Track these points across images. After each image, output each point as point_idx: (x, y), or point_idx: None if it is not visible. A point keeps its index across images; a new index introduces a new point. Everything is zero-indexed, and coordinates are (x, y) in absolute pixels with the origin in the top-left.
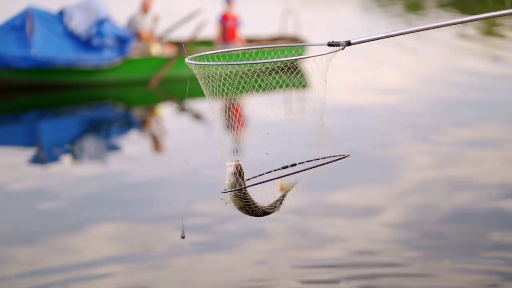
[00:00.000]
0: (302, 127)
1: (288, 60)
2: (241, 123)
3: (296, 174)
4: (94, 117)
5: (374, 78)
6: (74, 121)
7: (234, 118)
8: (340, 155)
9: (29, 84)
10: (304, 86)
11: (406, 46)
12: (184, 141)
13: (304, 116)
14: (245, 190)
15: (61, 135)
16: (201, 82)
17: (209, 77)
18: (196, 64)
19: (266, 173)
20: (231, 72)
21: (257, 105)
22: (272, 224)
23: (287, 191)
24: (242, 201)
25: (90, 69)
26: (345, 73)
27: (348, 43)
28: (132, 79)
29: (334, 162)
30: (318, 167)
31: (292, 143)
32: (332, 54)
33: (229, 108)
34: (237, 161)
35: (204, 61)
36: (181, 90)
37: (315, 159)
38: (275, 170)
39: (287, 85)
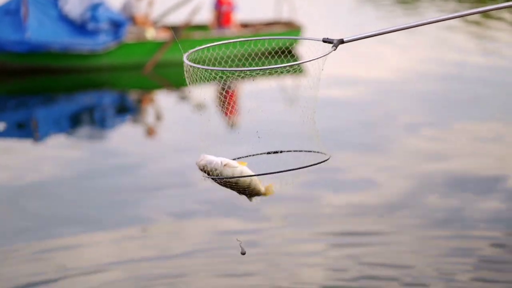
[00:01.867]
0: (294, 117)
1: (282, 67)
2: (233, 109)
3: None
4: (88, 101)
5: (362, 71)
6: (68, 105)
7: (227, 104)
8: (322, 158)
9: (23, 68)
10: (298, 71)
11: (398, 41)
12: (178, 126)
13: (296, 107)
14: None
15: (55, 119)
16: (187, 75)
17: (204, 61)
18: (194, 66)
19: (252, 155)
20: (228, 57)
21: (251, 96)
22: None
23: (265, 194)
24: (226, 186)
25: (85, 53)
26: (337, 66)
27: (341, 42)
28: (127, 64)
29: (315, 165)
30: (300, 169)
31: (281, 130)
32: (325, 58)
33: (223, 94)
34: (203, 157)
35: (200, 51)
36: (176, 74)
37: (299, 151)
38: (260, 154)
39: (281, 71)
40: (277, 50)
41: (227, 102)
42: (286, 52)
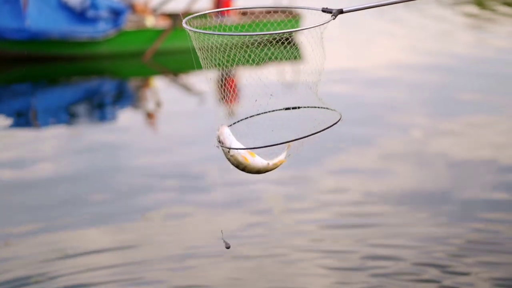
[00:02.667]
0: (297, 94)
1: (281, 33)
2: (235, 95)
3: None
4: (88, 89)
5: (365, 49)
6: (67, 93)
7: (228, 91)
8: (334, 120)
9: (23, 56)
10: (298, 58)
11: (399, 17)
12: (177, 113)
13: (299, 84)
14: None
15: (54, 107)
16: (195, 43)
17: (202, 48)
18: (192, 30)
19: (269, 111)
20: (226, 44)
21: (252, 76)
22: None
23: (276, 166)
24: (235, 160)
25: (84, 41)
26: (337, 44)
27: (340, 11)
28: (126, 51)
29: (330, 127)
30: (315, 134)
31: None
32: (324, 26)
33: (223, 80)
34: (221, 126)
35: (200, 21)
36: (175, 62)
37: (317, 107)
38: (276, 110)
39: (281, 58)
40: (277, 39)
41: (228, 90)
42: (286, 41)
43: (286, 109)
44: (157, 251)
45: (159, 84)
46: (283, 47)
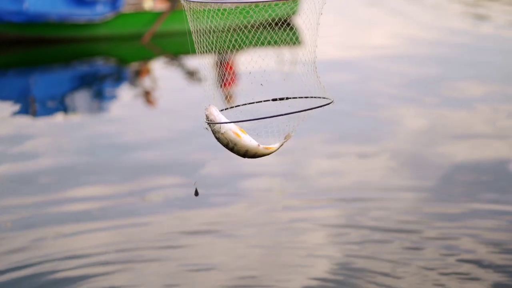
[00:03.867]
0: (293, 77)
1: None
2: (232, 78)
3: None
4: (86, 71)
5: (361, 37)
6: (66, 75)
7: (225, 74)
8: (326, 101)
9: (21, 39)
10: (296, 42)
11: (392, 6)
12: (175, 96)
13: (296, 66)
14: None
15: (53, 89)
16: (192, 25)
17: (199, 31)
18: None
19: (256, 102)
20: (223, 27)
21: (250, 59)
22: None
23: (284, 141)
24: (226, 139)
25: (83, 24)
26: (333, 33)
27: None
28: (125, 34)
29: (319, 108)
30: (305, 111)
31: (283, 87)
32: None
33: (221, 64)
34: (209, 107)
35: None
36: (174, 44)
37: (304, 97)
38: (265, 101)
39: (279, 42)
40: (276, 21)
41: (225, 73)
42: (284, 23)
43: (274, 100)
44: (155, 232)
45: (158, 67)
46: (281, 31)
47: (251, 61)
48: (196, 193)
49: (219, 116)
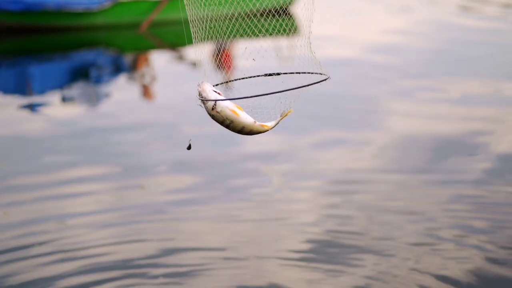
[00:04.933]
0: (289, 58)
1: None
2: (229, 66)
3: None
4: (83, 60)
5: (355, 30)
6: (63, 64)
7: (222, 63)
8: (322, 77)
9: (18, 27)
10: (294, 31)
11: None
12: (174, 86)
13: (294, 54)
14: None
15: (49, 78)
16: (189, 13)
17: (195, 21)
18: None
19: (249, 77)
20: (219, 17)
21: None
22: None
23: (282, 118)
24: (220, 115)
25: (80, 12)
26: (330, 27)
27: None
28: (122, 23)
29: (315, 84)
30: (299, 88)
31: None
32: None
33: (218, 53)
34: (202, 83)
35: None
36: (171, 33)
37: (298, 72)
38: (258, 76)
39: (277, 30)
40: (272, 10)
41: (222, 61)
42: (281, 12)
43: (268, 75)
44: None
45: (155, 56)
46: (280, 18)
47: (247, 49)
48: (189, 147)
49: (211, 93)
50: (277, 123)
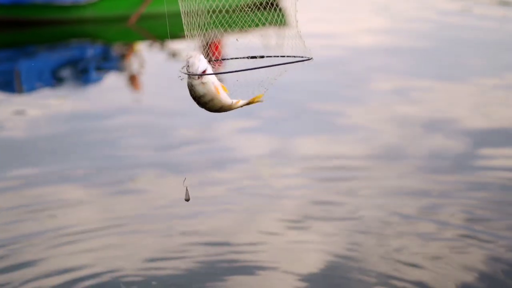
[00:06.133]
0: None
1: None
2: (219, 61)
3: (261, 71)
4: (72, 53)
5: (344, 19)
6: (52, 58)
7: (212, 56)
8: (305, 57)
9: (7, 20)
10: (283, 23)
11: None
12: (161, 79)
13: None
14: (203, 78)
15: (39, 72)
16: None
17: (186, 13)
18: None
19: (231, 58)
20: (208, 11)
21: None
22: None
23: (252, 102)
24: (199, 91)
25: (68, 5)
26: (317, 21)
27: None
28: (111, 16)
29: (297, 62)
30: (283, 65)
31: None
32: None
33: (207, 46)
34: (193, 59)
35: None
36: (160, 27)
37: (282, 56)
38: (241, 58)
39: (265, 22)
40: (263, 3)
41: (213, 55)
42: (271, 4)
43: (252, 57)
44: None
45: (144, 49)
46: (268, 11)
47: (238, 41)
48: (187, 199)
49: (203, 61)
50: (246, 104)
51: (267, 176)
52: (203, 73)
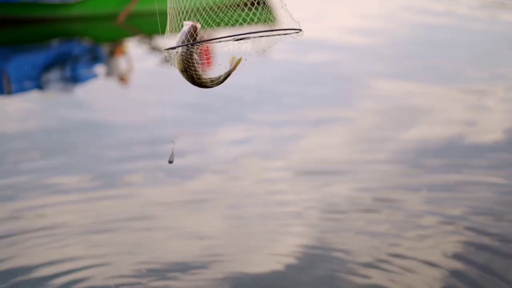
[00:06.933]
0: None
1: None
2: (208, 59)
3: (247, 43)
4: (61, 52)
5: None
6: (40, 56)
7: (200, 55)
8: (295, 29)
9: None
10: (271, 21)
11: None
12: (150, 76)
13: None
14: (192, 51)
15: (27, 70)
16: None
17: (174, 12)
18: None
19: (217, 38)
20: (197, 9)
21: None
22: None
23: (234, 67)
24: (185, 63)
25: (57, 4)
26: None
27: None
28: (99, 14)
29: (287, 34)
30: (272, 36)
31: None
32: None
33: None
34: (195, 23)
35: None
36: (149, 24)
37: (270, 30)
38: (227, 37)
39: (255, 20)
40: (252, 1)
41: (201, 53)
42: (259, 2)
43: (236, 40)
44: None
45: (132, 47)
46: (256, 10)
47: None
48: (170, 161)
49: (200, 33)
50: (230, 71)
51: (255, 175)
52: (191, 41)
